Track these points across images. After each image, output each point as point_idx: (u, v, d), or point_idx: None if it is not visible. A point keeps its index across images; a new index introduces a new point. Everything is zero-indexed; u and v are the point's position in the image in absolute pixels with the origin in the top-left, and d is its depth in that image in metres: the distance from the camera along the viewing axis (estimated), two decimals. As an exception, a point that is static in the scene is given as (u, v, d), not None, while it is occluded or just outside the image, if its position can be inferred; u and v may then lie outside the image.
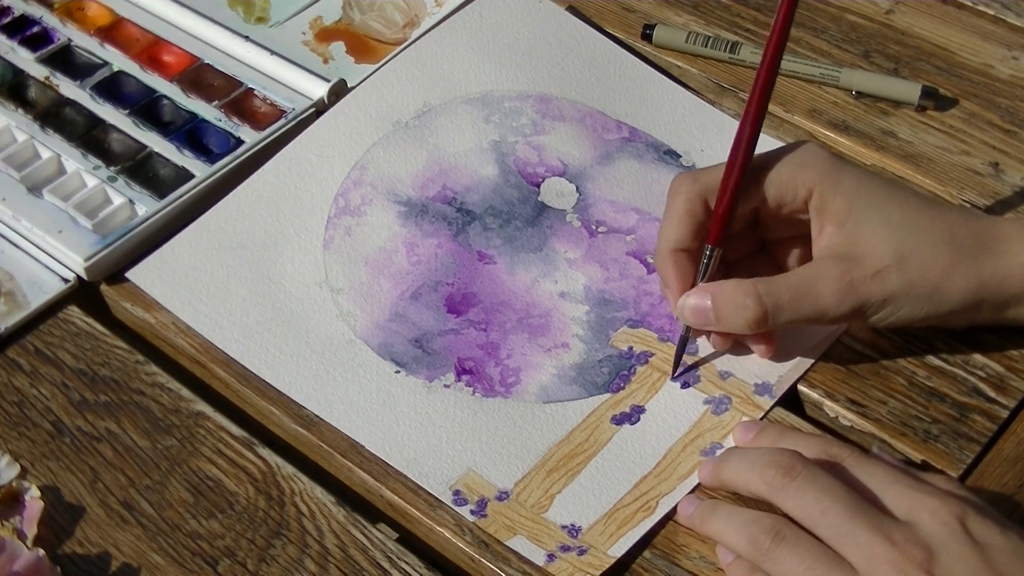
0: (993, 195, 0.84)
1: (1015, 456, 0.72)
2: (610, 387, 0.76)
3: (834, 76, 0.91)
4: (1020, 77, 0.92)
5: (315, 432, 0.74)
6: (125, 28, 0.96)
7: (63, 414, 0.76)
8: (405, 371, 0.77)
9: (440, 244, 0.83)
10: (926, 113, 0.90)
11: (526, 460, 0.73)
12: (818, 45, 0.95)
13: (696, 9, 0.98)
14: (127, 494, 0.72)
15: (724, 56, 0.93)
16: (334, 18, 0.98)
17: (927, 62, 0.93)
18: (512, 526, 0.70)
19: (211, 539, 0.70)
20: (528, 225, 0.84)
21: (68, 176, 0.86)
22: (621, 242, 0.83)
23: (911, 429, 0.73)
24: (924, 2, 0.98)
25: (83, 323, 0.80)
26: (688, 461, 0.72)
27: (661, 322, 0.79)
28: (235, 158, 0.87)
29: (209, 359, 0.78)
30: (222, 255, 0.82)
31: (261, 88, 0.91)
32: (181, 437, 0.75)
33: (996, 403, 0.74)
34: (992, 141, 0.88)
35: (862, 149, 0.88)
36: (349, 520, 0.71)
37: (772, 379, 0.75)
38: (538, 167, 0.87)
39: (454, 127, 0.89)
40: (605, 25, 0.97)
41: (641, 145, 0.88)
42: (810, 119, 0.90)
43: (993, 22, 0.97)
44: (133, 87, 0.92)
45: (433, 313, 0.80)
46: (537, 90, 0.91)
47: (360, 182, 0.86)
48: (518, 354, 0.78)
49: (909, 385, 0.75)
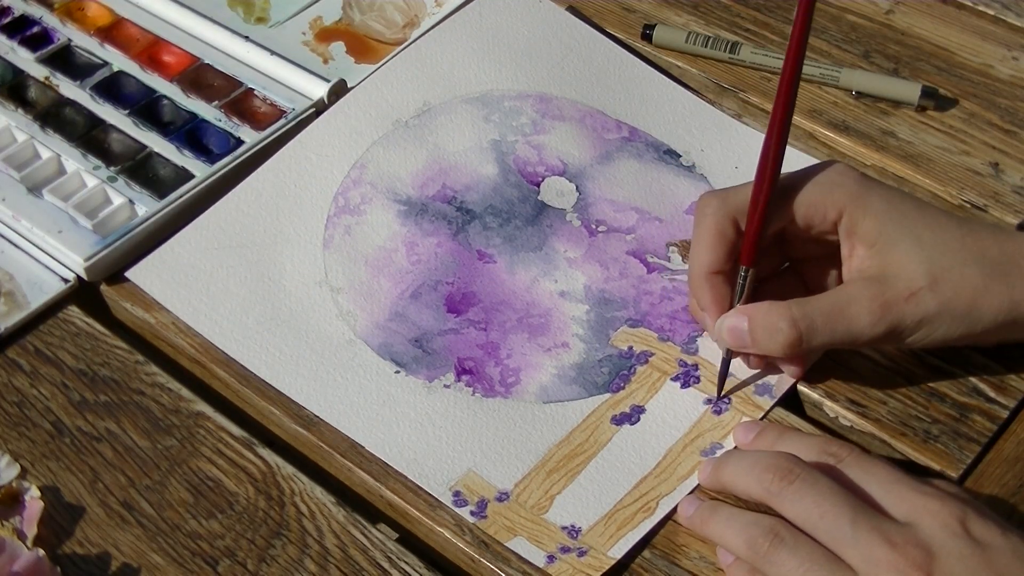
0: (993, 195, 0.84)
1: (1015, 456, 0.72)
2: (610, 387, 0.76)
3: (834, 76, 0.91)
4: (1020, 77, 0.92)
5: (315, 432, 0.74)
6: (125, 28, 0.96)
7: (63, 414, 0.76)
8: (405, 371, 0.77)
9: (440, 243, 0.83)
10: (926, 113, 0.90)
11: (526, 461, 0.73)
12: (818, 45, 0.95)
13: (696, 9, 0.98)
14: (127, 494, 0.72)
15: (724, 56, 0.93)
16: (334, 18, 0.98)
17: (927, 62, 0.93)
18: (512, 527, 0.70)
19: (211, 539, 0.70)
20: (528, 224, 0.84)
21: (68, 176, 0.86)
22: (621, 241, 0.83)
23: (911, 429, 0.73)
24: (924, 2, 0.98)
25: (83, 323, 0.80)
26: (688, 461, 0.72)
27: (661, 321, 0.79)
28: (235, 158, 0.87)
29: (209, 359, 0.78)
30: (221, 254, 0.82)
31: (261, 88, 0.91)
32: (181, 437, 0.75)
33: (996, 403, 0.74)
34: (992, 141, 0.88)
35: (862, 149, 0.88)
36: (349, 520, 0.71)
37: (772, 379, 0.75)
38: (538, 166, 0.87)
39: (454, 126, 0.89)
40: (605, 25, 0.97)
41: (641, 145, 0.88)
42: (810, 119, 0.90)
43: (993, 22, 0.97)
44: (133, 87, 0.92)
45: (433, 312, 0.80)
46: (537, 90, 0.91)
47: (360, 181, 0.86)
48: (518, 354, 0.78)
49: (909, 385, 0.75)
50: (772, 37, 0.96)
